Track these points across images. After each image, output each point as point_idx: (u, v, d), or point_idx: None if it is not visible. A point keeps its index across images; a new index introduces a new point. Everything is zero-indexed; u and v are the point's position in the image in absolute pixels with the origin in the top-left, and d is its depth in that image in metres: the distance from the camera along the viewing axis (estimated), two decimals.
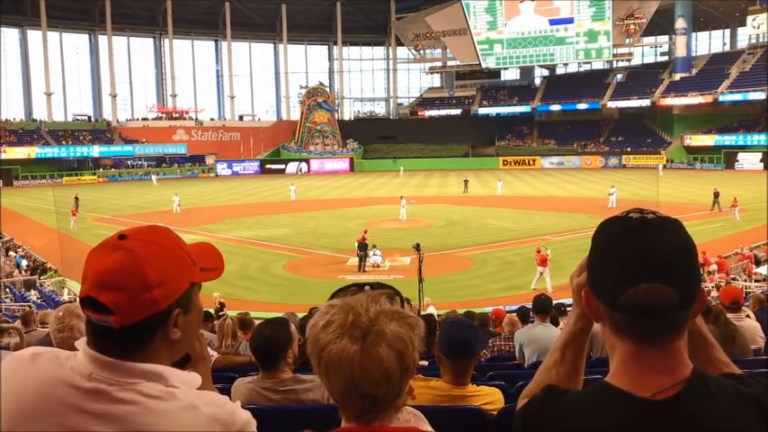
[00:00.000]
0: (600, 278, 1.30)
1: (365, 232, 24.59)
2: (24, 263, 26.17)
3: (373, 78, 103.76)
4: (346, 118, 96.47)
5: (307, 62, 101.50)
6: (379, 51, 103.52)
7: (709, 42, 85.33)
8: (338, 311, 1.41)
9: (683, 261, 1.25)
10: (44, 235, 32.32)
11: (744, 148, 68.31)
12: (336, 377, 1.38)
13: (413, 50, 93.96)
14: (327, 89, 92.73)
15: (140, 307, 1.36)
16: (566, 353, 1.56)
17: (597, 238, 1.33)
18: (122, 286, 1.34)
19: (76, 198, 39.09)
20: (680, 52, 79.50)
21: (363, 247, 23.71)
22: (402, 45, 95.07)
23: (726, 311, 6.04)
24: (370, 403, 1.39)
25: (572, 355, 1.56)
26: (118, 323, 1.35)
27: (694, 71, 78.67)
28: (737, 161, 67.43)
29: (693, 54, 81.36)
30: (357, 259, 23.92)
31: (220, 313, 13.67)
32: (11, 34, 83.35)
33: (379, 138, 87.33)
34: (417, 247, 16.27)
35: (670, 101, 76.64)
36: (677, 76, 78.65)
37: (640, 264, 1.23)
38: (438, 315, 11.43)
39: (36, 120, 79.82)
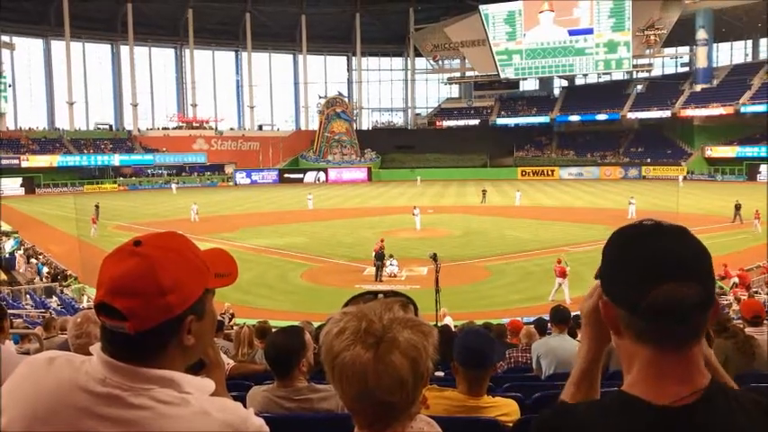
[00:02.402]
0: (618, 284, 1.28)
1: (382, 241, 24.58)
2: (45, 270, 26.45)
3: (392, 88, 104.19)
4: (364, 128, 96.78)
5: (326, 72, 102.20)
6: (398, 62, 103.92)
7: (731, 53, 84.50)
8: (352, 319, 1.41)
9: (702, 261, 1.25)
10: (65, 242, 32.68)
11: (766, 159, 67.37)
12: (350, 385, 1.37)
13: (431, 61, 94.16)
14: (346, 99, 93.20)
15: (155, 313, 1.35)
16: (579, 388, 1.55)
17: (611, 246, 1.32)
18: (137, 292, 1.34)
19: (97, 206, 39.43)
20: (701, 63, 78.73)
21: (380, 257, 23.71)
22: (420, 55, 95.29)
23: (747, 325, 5.96)
24: (384, 411, 1.38)
25: (585, 389, 1.55)
26: (132, 329, 1.34)
27: (715, 82, 77.85)
28: (759, 173, 66.40)
29: (714, 65, 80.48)
30: (374, 269, 23.94)
31: (230, 323, 13.70)
32: (35, 44, 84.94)
33: (396, 147, 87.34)
34: (434, 257, 16.26)
35: (691, 112, 75.94)
36: (698, 87, 77.88)
37: (662, 264, 1.22)
38: (455, 326, 11.37)
39: (58, 128, 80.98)
